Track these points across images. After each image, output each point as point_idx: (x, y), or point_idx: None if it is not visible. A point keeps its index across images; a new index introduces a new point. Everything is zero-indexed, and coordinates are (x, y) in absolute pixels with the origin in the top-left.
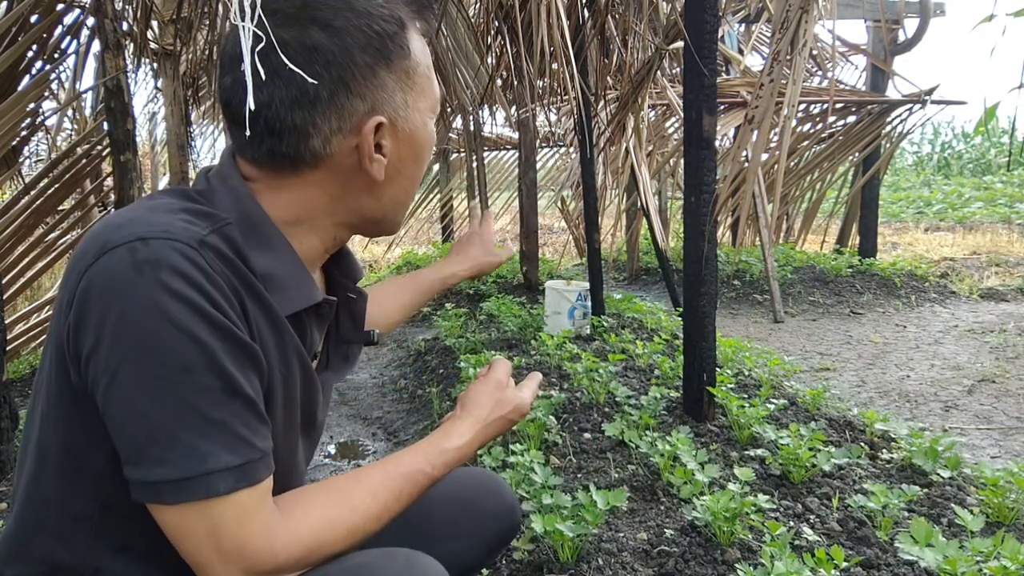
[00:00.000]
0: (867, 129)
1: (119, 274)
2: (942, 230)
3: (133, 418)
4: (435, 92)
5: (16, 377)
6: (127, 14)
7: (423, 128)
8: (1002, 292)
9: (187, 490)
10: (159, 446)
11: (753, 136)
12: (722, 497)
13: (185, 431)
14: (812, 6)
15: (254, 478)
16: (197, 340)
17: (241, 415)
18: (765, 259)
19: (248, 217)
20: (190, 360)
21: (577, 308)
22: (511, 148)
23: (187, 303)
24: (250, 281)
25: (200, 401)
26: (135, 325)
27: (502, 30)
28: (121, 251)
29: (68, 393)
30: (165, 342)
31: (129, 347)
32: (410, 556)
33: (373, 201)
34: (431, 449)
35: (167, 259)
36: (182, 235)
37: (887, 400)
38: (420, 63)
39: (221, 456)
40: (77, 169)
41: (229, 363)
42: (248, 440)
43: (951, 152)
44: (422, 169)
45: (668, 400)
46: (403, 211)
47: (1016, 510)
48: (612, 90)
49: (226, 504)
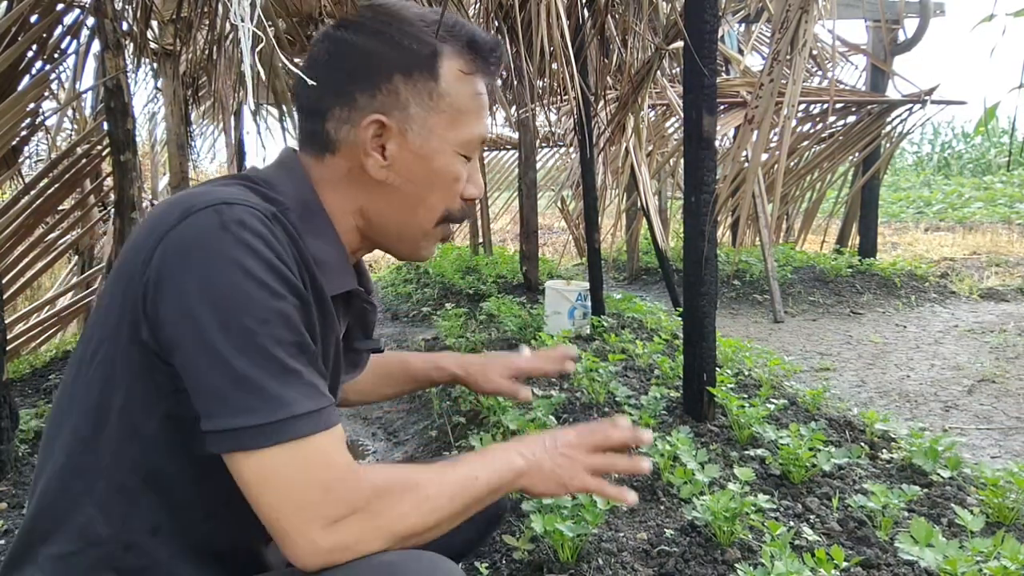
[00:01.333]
0: (867, 129)
1: (207, 231)
2: (942, 230)
3: (215, 367)
4: (470, 130)
5: (16, 377)
6: (127, 14)
7: (442, 155)
8: (1002, 292)
9: (273, 433)
10: (244, 393)
11: (753, 136)
12: (722, 497)
13: (268, 379)
14: (812, 6)
15: (330, 422)
16: (275, 294)
17: (310, 367)
18: (765, 259)
19: (306, 205)
20: (269, 313)
21: (577, 308)
22: (511, 148)
23: (266, 262)
24: (307, 260)
25: (279, 351)
26: (221, 278)
27: (502, 30)
28: (208, 212)
29: (136, 354)
30: (248, 295)
31: (213, 300)
32: (435, 559)
33: (381, 205)
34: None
35: (250, 221)
36: (259, 206)
37: (887, 400)
38: (450, 93)
39: (303, 402)
40: (77, 169)
41: (299, 319)
42: (320, 389)
43: (951, 152)
44: (434, 195)
45: (668, 400)
46: (416, 231)
47: (1016, 510)
48: (612, 90)
49: (309, 446)
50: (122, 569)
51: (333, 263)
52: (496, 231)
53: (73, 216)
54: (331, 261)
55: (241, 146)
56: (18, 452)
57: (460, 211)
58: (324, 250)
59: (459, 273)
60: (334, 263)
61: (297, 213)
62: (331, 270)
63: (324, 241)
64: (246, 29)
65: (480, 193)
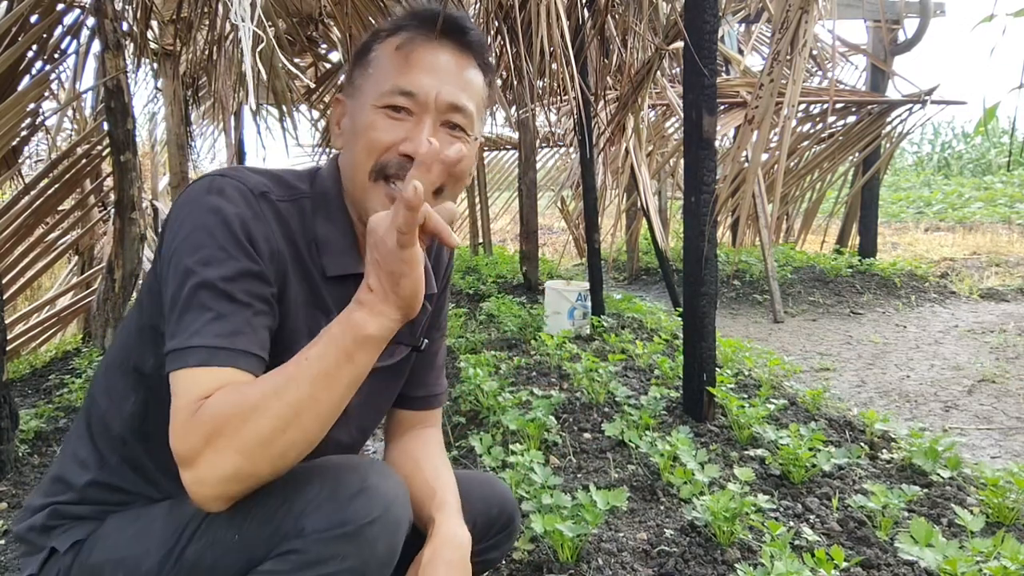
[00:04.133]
0: (867, 129)
1: (196, 191)
2: (942, 230)
3: (172, 298)
4: (385, 82)
5: (16, 377)
6: (127, 14)
7: (362, 111)
8: (1002, 292)
9: (173, 359)
10: (172, 322)
11: (753, 136)
12: (722, 497)
13: (194, 313)
14: (812, 6)
15: (219, 362)
16: (221, 248)
17: (235, 316)
18: (765, 259)
19: (325, 194)
20: (210, 257)
21: (577, 308)
22: (511, 148)
23: (225, 223)
24: (298, 244)
25: (206, 292)
26: (185, 224)
27: (502, 30)
28: (206, 179)
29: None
30: (200, 239)
31: (178, 242)
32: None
33: (344, 169)
34: (344, 318)
35: (229, 192)
36: (251, 184)
37: (887, 400)
38: (377, 57)
39: (204, 337)
40: (77, 169)
41: (241, 276)
42: (234, 334)
43: (951, 152)
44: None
45: (668, 400)
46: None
47: (1016, 510)
48: (612, 90)
49: (186, 376)
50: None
51: (336, 245)
52: (496, 231)
53: (73, 216)
54: (336, 242)
55: (241, 146)
56: (18, 452)
57: (394, 165)
58: (331, 232)
59: (459, 273)
60: (338, 245)
61: (314, 200)
62: (335, 251)
63: (331, 225)
64: (246, 29)
65: (415, 149)
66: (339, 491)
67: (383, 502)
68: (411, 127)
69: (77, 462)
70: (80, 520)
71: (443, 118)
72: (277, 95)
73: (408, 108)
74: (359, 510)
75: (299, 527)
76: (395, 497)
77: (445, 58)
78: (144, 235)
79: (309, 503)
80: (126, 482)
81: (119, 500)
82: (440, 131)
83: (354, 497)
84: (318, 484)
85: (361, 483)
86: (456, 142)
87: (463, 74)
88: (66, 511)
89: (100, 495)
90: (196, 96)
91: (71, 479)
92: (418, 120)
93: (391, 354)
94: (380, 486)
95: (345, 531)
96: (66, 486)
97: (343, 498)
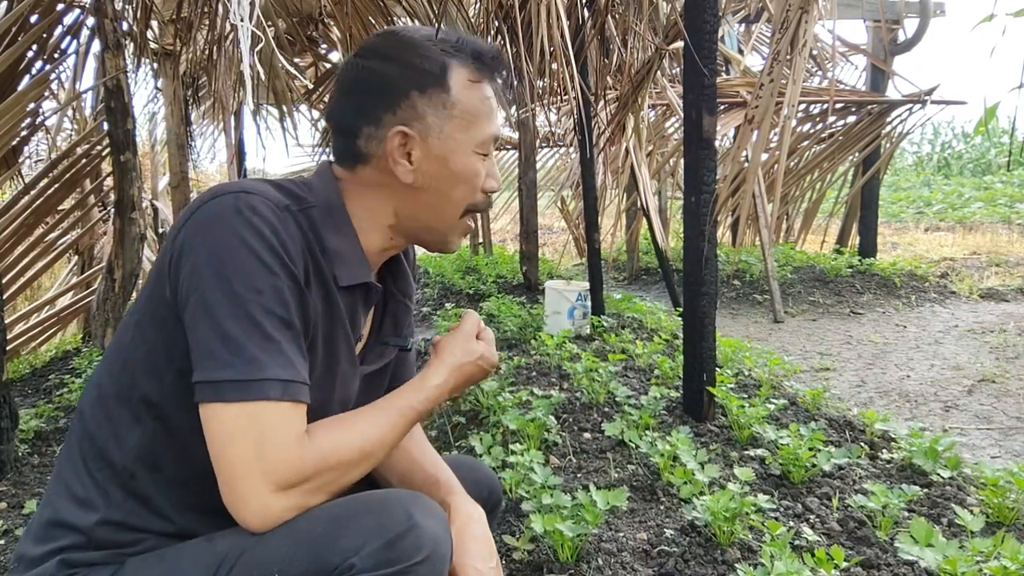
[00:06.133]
0: (867, 129)
1: (223, 212)
2: (942, 230)
3: (209, 326)
4: (483, 131)
5: (16, 377)
6: (127, 14)
7: (460, 155)
8: (1002, 292)
9: (245, 390)
10: (227, 351)
11: (753, 136)
12: (722, 497)
13: (250, 342)
14: (812, 6)
15: (297, 396)
16: (270, 271)
17: (292, 343)
18: (765, 259)
19: (329, 205)
20: (262, 285)
21: (577, 308)
22: (511, 148)
23: (267, 243)
24: (316, 254)
25: (264, 321)
26: (224, 249)
27: (502, 30)
28: (229, 198)
29: (160, 309)
30: (245, 266)
31: (217, 267)
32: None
33: (412, 205)
34: (415, 389)
35: (260, 208)
36: (274, 199)
37: (887, 400)
38: (461, 100)
39: (275, 369)
40: (77, 169)
41: (289, 297)
42: (295, 365)
43: (951, 152)
44: (457, 191)
45: (668, 400)
46: (443, 225)
47: (1016, 510)
48: (612, 90)
49: (274, 410)
50: (128, 490)
51: (349, 256)
52: (496, 231)
53: (73, 216)
54: (347, 254)
55: (241, 146)
56: (18, 452)
57: (482, 202)
58: (341, 244)
59: (459, 273)
60: (350, 256)
61: (321, 210)
62: (346, 262)
63: (342, 237)
64: (246, 29)
65: (498, 185)
66: (387, 528)
67: (432, 541)
68: (489, 165)
69: (76, 502)
70: (93, 567)
71: None
72: (277, 95)
73: None
74: (408, 549)
75: (348, 565)
76: (441, 534)
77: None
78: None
79: (356, 541)
80: (137, 519)
81: (131, 540)
82: None
83: (403, 536)
84: (365, 519)
85: (408, 521)
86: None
87: None
88: (76, 559)
89: (111, 535)
90: (196, 96)
91: (75, 521)
92: (491, 158)
93: (382, 356)
94: (426, 524)
95: (396, 570)
96: (69, 530)
97: (392, 536)
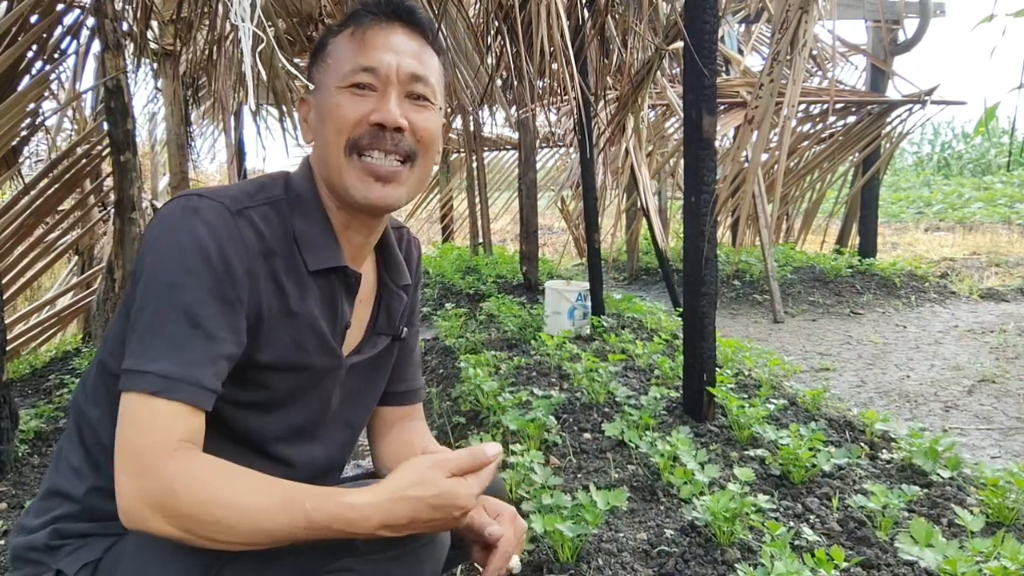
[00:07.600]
0: (867, 129)
1: (168, 213)
2: (942, 230)
3: (136, 317)
4: (342, 66)
5: (16, 377)
6: (127, 14)
7: (325, 96)
8: (1002, 292)
9: (129, 379)
10: (136, 340)
11: (753, 136)
12: (722, 497)
13: (153, 335)
14: (812, 6)
15: (176, 395)
16: (191, 271)
17: (195, 344)
18: (765, 259)
19: (300, 194)
20: (178, 281)
21: (577, 308)
22: (511, 148)
23: (200, 245)
24: (289, 244)
25: (171, 316)
26: (160, 246)
27: (502, 30)
28: (180, 200)
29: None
30: (170, 261)
31: (148, 262)
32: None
33: (315, 163)
34: (327, 493)
35: (206, 213)
36: (228, 203)
37: (887, 400)
38: (333, 52)
39: (160, 363)
40: (77, 169)
41: (207, 302)
42: (192, 364)
43: (951, 152)
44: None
45: (668, 400)
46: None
47: (1016, 510)
48: (612, 90)
49: (146, 403)
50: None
51: (316, 240)
52: (496, 231)
53: (73, 216)
54: (315, 237)
55: (241, 146)
56: (18, 452)
57: (366, 136)
58: (309, 228)
59: (459, 273)
60: (317, 240)
61: (289, 201)
62: (313, 247)
63: (310, 222)
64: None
65: (383, 117)
66: None
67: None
68: (377, 100)
69: (71, 471)
70: (85, 538)
71: (406, 89)
72: (277, 95)
73: (371, 84)
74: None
75: (352, 546)
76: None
77: (398, 37)
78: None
79: None
80: None
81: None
82: (405, 103)
83: None
84: None
85: None
86: (423, 110)
87: (419, 50)
88: (68, 529)
89: (100, 503)
90: (196, 96)
91: (69, 490)
92: (382, 93)
93: (373, 345)
94: None
95: (397, 553)
96: (63, 498)
97: None
